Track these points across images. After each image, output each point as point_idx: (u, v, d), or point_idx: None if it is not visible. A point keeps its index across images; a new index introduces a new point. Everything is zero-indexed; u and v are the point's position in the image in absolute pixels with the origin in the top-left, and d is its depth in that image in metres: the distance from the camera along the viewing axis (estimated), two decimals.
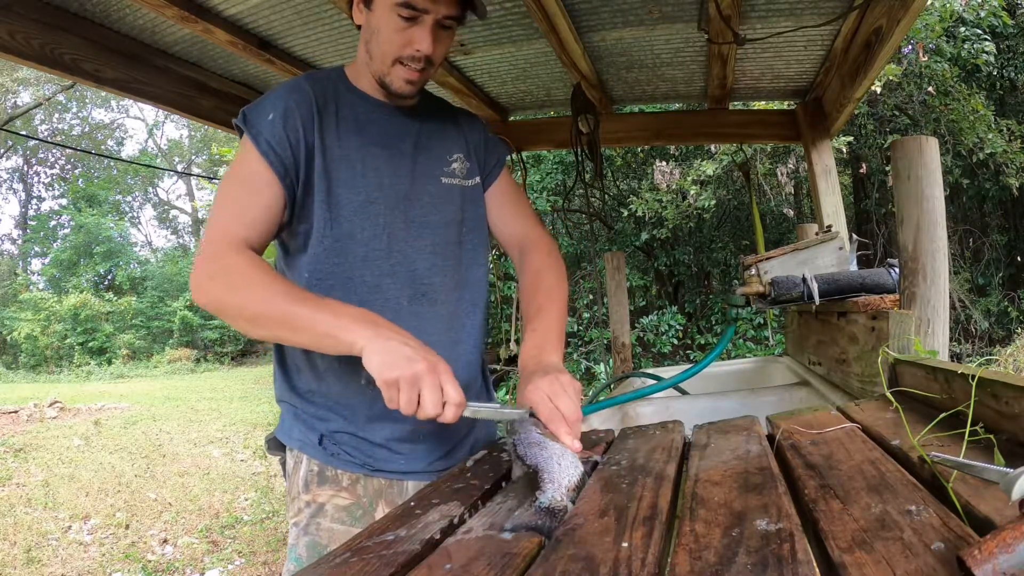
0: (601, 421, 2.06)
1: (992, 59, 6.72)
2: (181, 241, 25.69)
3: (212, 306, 0.95)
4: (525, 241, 1.25)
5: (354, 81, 1.14)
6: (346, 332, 0.87)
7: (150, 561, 3.93)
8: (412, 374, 0.83)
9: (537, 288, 1.16)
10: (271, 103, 1.04)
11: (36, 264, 21.32)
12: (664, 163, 7.75)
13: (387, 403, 0.84)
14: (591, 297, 8.14)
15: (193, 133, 23.69)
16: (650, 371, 2.97)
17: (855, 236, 2.18)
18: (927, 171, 1.39)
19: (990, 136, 6.72)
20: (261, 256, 1.01)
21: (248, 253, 0.96)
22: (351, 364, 1.05)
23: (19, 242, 22.38)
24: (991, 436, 0.71)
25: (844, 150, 6.70)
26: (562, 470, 0.76)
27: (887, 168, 6.89)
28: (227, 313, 0.94)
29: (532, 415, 0.89)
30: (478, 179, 1.23)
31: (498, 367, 6.94)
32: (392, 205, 1.10)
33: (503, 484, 0.87)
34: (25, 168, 22.58)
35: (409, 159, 1.13)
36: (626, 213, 8.15)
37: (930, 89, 6.86)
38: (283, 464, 1.18)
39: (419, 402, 0.84)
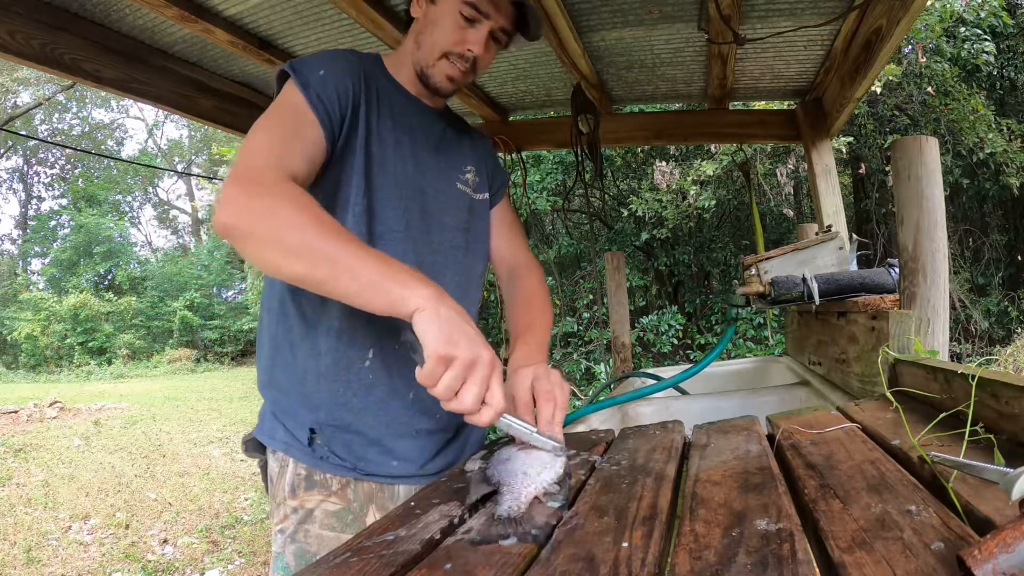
0: (601, 421, 2.06)
1: (992, 59, 6.72)
2: (181, 241, 25.72)
3: (242, 227, 0.83)
4: (517, 264, 1.28)
5: (391, 70, 1.15)
6: (400, 286, 0.78)
7: (150, 561, 3.93)
8: (472, 358, 0.76)
9: (528, 307, 1.19)
10: (323, 62, 1.03)
11: (36, 264, 21.36)
12: (664, 163, 7.75)
13: (425, 378, 0.76)
14: (591, 297, 8.15)
15: (193, 133, 23.71)
16: (650, 371, 2.97)
17: (855, 236, 2.18)
18: (927, 171, 1.39)
19: (990, 136, 6.73)
20: None
21: (294, 184, 0.87)
22: (355, 345, 1.05)
23: (19, 242, 22.40)
24: (991, 436, 0.71)
25: (844, 150, 6.70)
26: (527, 479, 0.76)
27: (887, 168, 6.89)
28: (258, 238, 0.82)
29: (562, 447, 0.84)
30: (486, 195, 1.25)
31: None
32: (412, 196, 1.10)
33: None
34: (25, 168, 22.61)
35: (431, 157, 1.15)
36: (626, 213, 8.15)
37: (930, 89, 6.86)
38: (262, 467, 1.12)
39: (458, 392, 0.77)
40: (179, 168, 23.94)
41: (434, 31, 1.07)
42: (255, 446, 1.12)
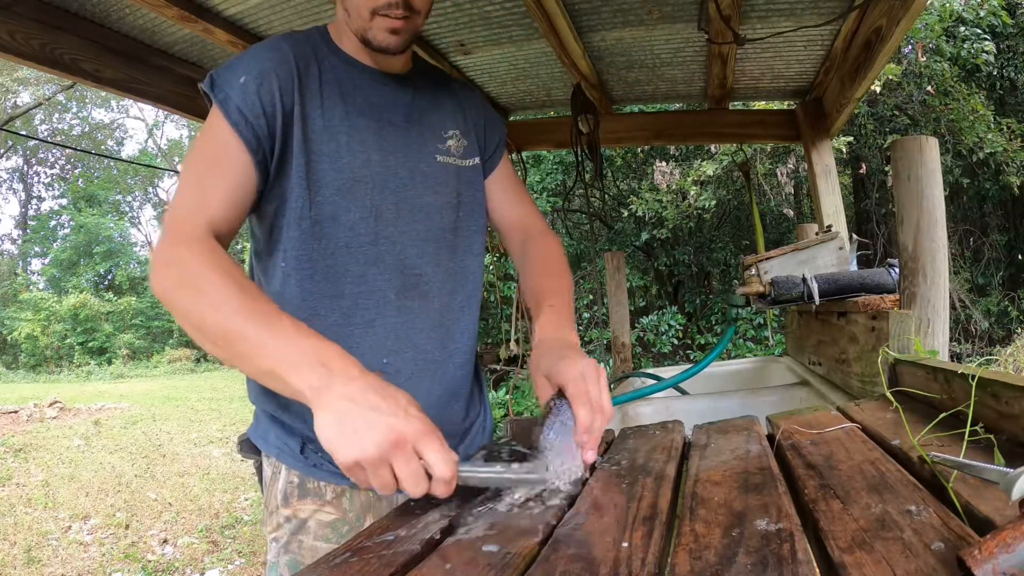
0: None
1: (992, 59, 6.73)
2: None
3: (162, 298, 0.81)
4: (530, 229, 1.16)
5: (337, 42, 1.01)
6: (294, 374, 0.69)
7: (150, 561, 3.93)
8: (375, 453, 0.65)
9: (548, 270, 1.07)
10: (244, 65, 0.92)
11: (36, 264, 21.36)
12: (664, 163, 7.76)
13: (358, 484, 0.69)
14: (591, 297, 8.15)
15: (193, 133, 23.65)
16: (650, 371, 2.98)
17: (855, 236, 2.18)
18: (927, 171, 1.39)
19: (990, 136, 6.73)
20: (230, 241, 0.91)
21: (209, 243, 0.83)
22: None
23: (19, 242, 22.39)
24: (991, 436, 0.71)
25: (844, 150, 6.70)
26: (550, 474, 0.74)
27: (887, 168, 6.89)
28: (174, 310, 0.80)
29: (547, 471, 0.73)
30: (477, 160, 1.11)
31: (498, 367, 6.95)
32: (381, 185, 0.97)
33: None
34: (25, 168, 22.60)
35: (401, 133, 1.01)
36: (626, 213, 8.16)
37: (930, 89, 6.86)
38: (258, 469, 1.07)
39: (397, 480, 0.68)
40: (179, 168, 23.93)
41: None
42: (250, 447, 1.07)
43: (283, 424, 1.01)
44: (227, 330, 0.74)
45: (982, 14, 6.64)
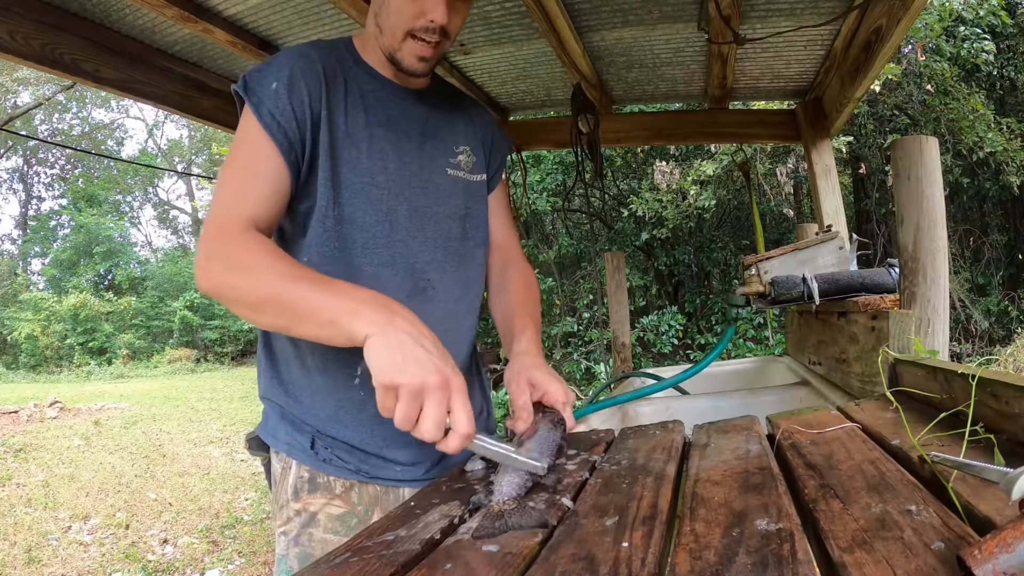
0: (601, 421, 2.06)
1: (992, 58, 6.73)
2: (181, 241, 25.70)
3: (213, 291, 0.86)
4: (510, 254, 1.24)
5: (362, 54, 1.06)
6: (352, 318, 0.75)
7: (150, 561, 3.94)
8: (419, 384, 0.71)
9: (531, 301, 1.17)
10: (275, 70, 0.96)
11: (36, 264, 21.34)
12: (664, 163, 7.76)
13: (380, 410, 0.73)
14: (591, 297, 8.15)
15: (193, 133, 23.70)
16: (650, 371, 2.97)
17: (855, 236, 2.18)
18: (927, 171, 1.39)
19: (990, 135, 6.72)
20: (270, 236, 0.96)
21: (252, 233, 0.89)
22: (341, 362, 1.01)
23: (19, 242, 22.39)
24: (991, 436, 0.71)
25: (844, 150, 6.70)
26: (518, 474, 0.78)
27: (887, 168, 6.90)
28: (227, 297, 0.86)
29: (551, 464, 0.81)
30: (484, 176, 1.18)
31: (498, 367, 6.95)
32: (396, 192, 1.03)
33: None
34: (25, 168, 22.59)
35: (416, 145, 1.07)
36: (626, 213, 8.16)
37: (929, 88, 6.86)
38: (266, 465, 1.10)
39: (418, 419, 0.73)
40: (179, 168, 23.93)
41: (390, 9, 0.97)
42: (259, 444, 1.10)
43: (293, 421, 1.05)
44: (285, 297, 0.80)
45: (982, 13, 6.64)
